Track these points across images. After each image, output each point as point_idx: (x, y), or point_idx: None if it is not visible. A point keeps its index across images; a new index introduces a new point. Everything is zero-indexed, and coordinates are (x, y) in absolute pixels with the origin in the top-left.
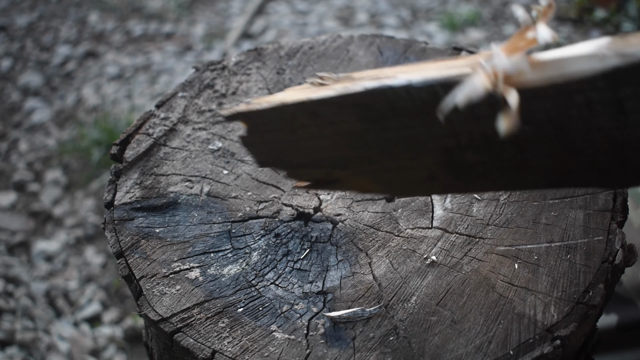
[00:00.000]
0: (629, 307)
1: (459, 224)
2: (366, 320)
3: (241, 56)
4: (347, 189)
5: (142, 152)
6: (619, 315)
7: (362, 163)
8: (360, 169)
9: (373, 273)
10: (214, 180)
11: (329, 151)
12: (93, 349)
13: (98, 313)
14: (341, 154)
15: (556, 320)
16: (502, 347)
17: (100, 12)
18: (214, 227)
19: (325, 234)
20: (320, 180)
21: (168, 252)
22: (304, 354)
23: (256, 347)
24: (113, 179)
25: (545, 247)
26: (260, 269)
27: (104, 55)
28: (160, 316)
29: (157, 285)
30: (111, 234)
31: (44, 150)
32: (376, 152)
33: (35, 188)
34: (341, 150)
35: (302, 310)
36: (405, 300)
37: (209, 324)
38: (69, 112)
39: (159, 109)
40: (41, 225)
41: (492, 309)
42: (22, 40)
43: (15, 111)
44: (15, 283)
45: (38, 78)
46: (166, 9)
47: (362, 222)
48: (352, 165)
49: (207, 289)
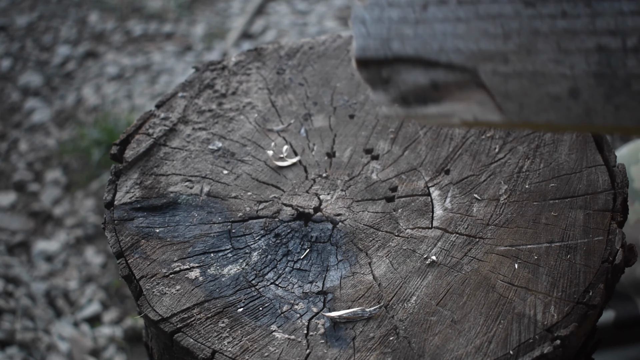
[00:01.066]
0: (626, 303)
1: (459, 224)
2: (366, 320)
3: (241, 56)
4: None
5: (142, 152)
6: (616, 312)
7: (493, 60)
8: (487, 71)
9: (373, 273)
10: (214, 180)
11: (457, 39)
12: (93, 349)
13: (98, 313)
14: (471, 45)
15: (556, 320)
16: (502, 347)
17: (100, 12)
18: (214, 227)
19: (325, 234)
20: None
21: (168, 252)
22: (304, 354)
23: (256, 347)
24: (113, 179)
25: (545, 247)
26: (260, 269)
27: (104, 55)
28: (160, 316)
29: (157, 285)
30: (111, 234)
31: (44, 150)
32: (515, 47)
33: (35, 188)
34: (474, 40)
35: (302, 310)
36: (405, 300)
37: (209, 324)
38: (69, 112)
39: (159, 109)
40: (41, 225)
41: (492, 309)
42: (22, 40)
43: (15, 111)
44: (15, 283)
45: (38, 78)
46: (166, 9)
47: (362, 222)
48: (479, 62)
49: (207, 289)
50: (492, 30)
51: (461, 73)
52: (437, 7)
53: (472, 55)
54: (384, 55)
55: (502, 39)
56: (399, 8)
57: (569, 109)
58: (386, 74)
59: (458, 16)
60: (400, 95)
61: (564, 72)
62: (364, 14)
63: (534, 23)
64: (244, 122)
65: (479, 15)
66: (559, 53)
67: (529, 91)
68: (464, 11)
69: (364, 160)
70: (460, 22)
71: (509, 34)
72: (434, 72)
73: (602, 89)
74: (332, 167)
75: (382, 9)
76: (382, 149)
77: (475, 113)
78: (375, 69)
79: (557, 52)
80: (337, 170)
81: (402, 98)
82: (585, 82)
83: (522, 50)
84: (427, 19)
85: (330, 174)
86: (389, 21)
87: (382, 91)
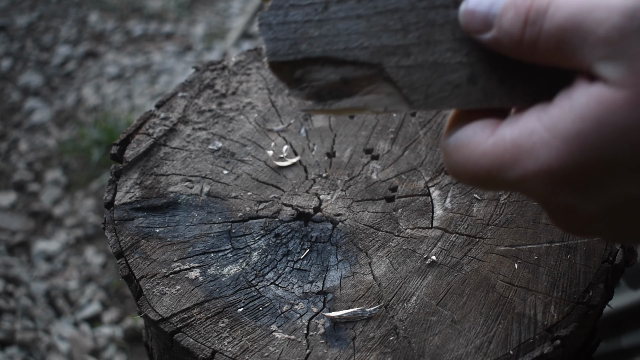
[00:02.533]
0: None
1: (459, 224)
2: (366, 320)
3: (241, 56)
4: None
5: (142, 152)
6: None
7: (396, 55)
8: (391, 65)
9: (373, 273)
10: (214, 180)
11: (360, 37)
12: (93, 349)
13: (98, 313)
14: (374, 42)
15: (556, 320)
16: (502, 347)
17: (100, 12)
18: (214, 227)
19: (325, 234)
20: (331, 88)
21: (168, 252)
22: (304, 354)
23: (256, 347)
24: (113, 179)
25: (545, 247)
26: (260, 269)
27: (104, 55)
28: (160, 316)
29: (157, 285)
30: (111, 234)
31: (44, 150)
32: (415, 39)
33: (35, 188)
34: (375, 36)
35: (302, 310)
36: (405, 300)
37: (209, 324)
38: (69, 112)
39: (159, 109)
40: (41, 225)
41: (492, 309)
42: (22, 40)
43: (15, 111)
44: (15, 283)
45: (38, 78)
46: (166, 9)
47: (362, 222)
48: (383, 57)
49: (207, 289)
50: (392, 25)
51: (368, 69)
52: (338, 6)
53: (376, 51)
54: (294, 57)
55: (402, 33)
56: (301, 9)
57: (469, 94)
58: (299, 74)
59: (358, 13)
60: (315, 92)
61: (461, 60)
62: (269, 18)
63: (430, 14)
64: (244, 122)
65: (377, 11)
66: (455, 42)
67: (431, 81)
68: (363, 8)
69: (364, 160)
70: (361, 19)
71: (408, 27)
72: (343, 69)
73: (496, 73)
74: (332, 167)
75: (285, 12)
76: (382, 149)
77: (385, 104)
78: (288, 70)
79: (453, 42)
80: (337, 170)
81: (317, 95)
82: (481, 68)
83: (421, 43)
84: (329, 18)
85: (330, 174)
86: (294, 23)
87: (297, 90)
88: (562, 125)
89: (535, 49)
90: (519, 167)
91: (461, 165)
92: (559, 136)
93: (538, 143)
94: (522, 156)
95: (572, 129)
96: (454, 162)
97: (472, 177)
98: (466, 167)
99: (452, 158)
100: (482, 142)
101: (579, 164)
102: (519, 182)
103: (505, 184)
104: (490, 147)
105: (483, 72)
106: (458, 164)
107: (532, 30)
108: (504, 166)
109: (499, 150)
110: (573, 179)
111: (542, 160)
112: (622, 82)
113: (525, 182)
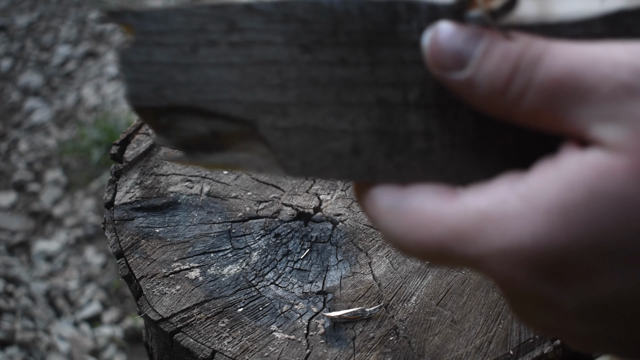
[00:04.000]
0: None
1: None
2: (366, 320)
3: None
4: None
5: (142, 152)
6: None
7: (272, 113)
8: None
9: (373, 273)
10: (214, 180)
11: (233, 88)
12: (93, 349)
13: (98, 313)
14: (248, 96)
15: None
16: (502, 347)
17: (100, 12)
18: (214, 227)
19: (325, 234)
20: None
21: (168, 252)
22: (304, 354)
23: (256, 347)
24: (113, 179)
25: None
26: (260, 269)
27: (104, 55)
28: (160, 316)
29: (157, 285)
30: (111, 234)
31: (44, 150)
32: (294, 98)
33: (35, 188)
34: (250, 90)
35: (302, 310)
36: (405, 300)
37: (209, 324)
38: (69, 112)
39: None
40: (41, 225)
41: (492, 309)
42: (22, 40)
43: (15, 111)
44: (15, 283)
45: (38, 78)
46: None
47: (362, 222)
48: (258, 115)
49: (207, 289)
50: (269, 79)
51: (240, 125)
52: (208, 49)
53: (251, 107)
54: (158, 104)
55: (280, 89)
56: (167, 49)
57: (352, 166)
58: (164, 121)
59: (231, 61)
60: (182, 142)
61: (345, 128)
62: (130, 56)
63: (312, 71)
64: None
65: (254, 61)
66: (339, 106)
67: (310, 148)
68: (237, 56)
69: None
70: (234, 68)
71: (287, 84)
72: (213, 122)
73: (383, 146)
74: None
75: (150, 50)
76: None
77: (259, 166)
78: (152, 115)
79: (337, 105)
80: None
81: (185, 145)
82: (367, 139)
83: (301, 103)
84: (198, 63)
85: None
86: (158, 64)
87: (163, 136)
88: (544, 195)
89: (519, 102)
90: (482, 240)
91: (406, 232)
92: (539, 208)
93: (510, 214)
94: (488, 228)
95: (557, 200)
96: (396, 229)
97: (421, 248)
98: (414, 235)
99: (392, 223)
100: (436, 208)
101: (560, 243)
102: (479, 260)
103: (462, 260)
104: (448, 213)
105: (369, 144)
106: (402, 230)
107: (522, 79)
108: (463, 238)
109: (459, 217)
110: (549, 262)
111: (513, 235)
112: (623, 147)
113: (488, 260)
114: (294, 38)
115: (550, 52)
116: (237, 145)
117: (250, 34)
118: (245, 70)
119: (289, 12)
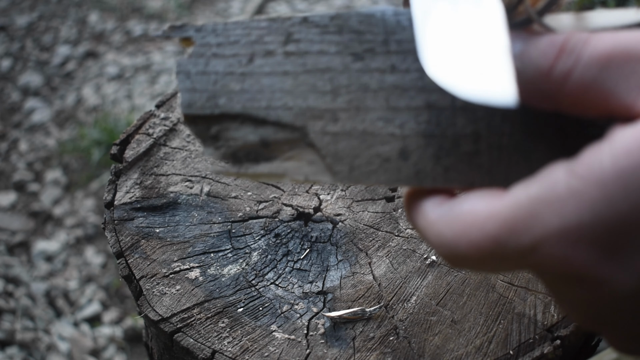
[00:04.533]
0: None
1: None
2: (366, 320)
3: None
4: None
5: (142, 152)
6: None
7: (322, 119)
8: (316, 130)
9: (373, 273)
10: (214, 180)
11: (285, 95)
12: (93, 349)
13: (98, 313)
14: (300, 102)
15: (556, 320)
16: (502, 347)
17: (100, 12)
18: (214, 227)
19: (325, 234)
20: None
21: (168, 252)
22: (304, 354)
23: (256, 347)
24: (113, 179)
25: None
26: (260, 269)
27: (104, 55)
28: (160, 316)
29: (157, 285)
30: (111, 234)
31: (44, 150)
32: (345, 104)
33: (35, 188)
34: (302, 96)
35: (302, 310)
36: (405, 300)
37: (209, 324)
38: (69, 112)
39: (159, 109)
40: (41, 225)
41: (492, 309)
42: (22, 40)
43: (15, 111)
44: (15, 283)
45: (38, 78)
46: (166, 9)
47: (362, 222)
48: (308, 121)
49: (207, 289)
50: (320, 86)
51: (291, 131)
52: (264, 59)
53: (301, 113)
54: (211, 112)
55: (331, 96)
56: (224, 60)
57: (399, 170)
58: (215, 130)
59: (285, 70)
60: (231, 153)
61: (393, 132)
62: (187, 66)
63: (363, 78)
64: None
65: (306, 69)
66: (388, 111)
67: (359, 152)
68: (291, 64)
69: None
70: (287, 76)
71: (338, 90)
72: (263, 129)
73: (431, 149)
74: None
75: (207, 61)
76: None
77: (306, 173)
78: (203, 125)
79: (386, 110)
80: None
81: (233, 156)
82: (415, 143)
83: (351, 108)
84: (253, 73)
85: None
86: (214, 74)
87: (212, 148)
88: (598, 167)
89: (566, 82)
90: (537, 225)
91: (458, 236)
92: (594, 181)
93: (564, 193)
94: (543, 211)
95: (613, 170)
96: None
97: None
98: (467, 237)
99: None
100: (487, 206)
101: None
102: (535, 248)
103: (516, 253)
104: (500, 208)
105: (417, 147)
106: (454, 235)
107: (568, 59)
108: (517, 227)
109: (512, 209)
110: (610, 236)
111: (570, 214)
112: None
113: (545, 245)
114: (346, 47)
115: (596, 36)
116: (285, 153)
117: (305, 44)
118: (298, 78)
119: (343, 23)
